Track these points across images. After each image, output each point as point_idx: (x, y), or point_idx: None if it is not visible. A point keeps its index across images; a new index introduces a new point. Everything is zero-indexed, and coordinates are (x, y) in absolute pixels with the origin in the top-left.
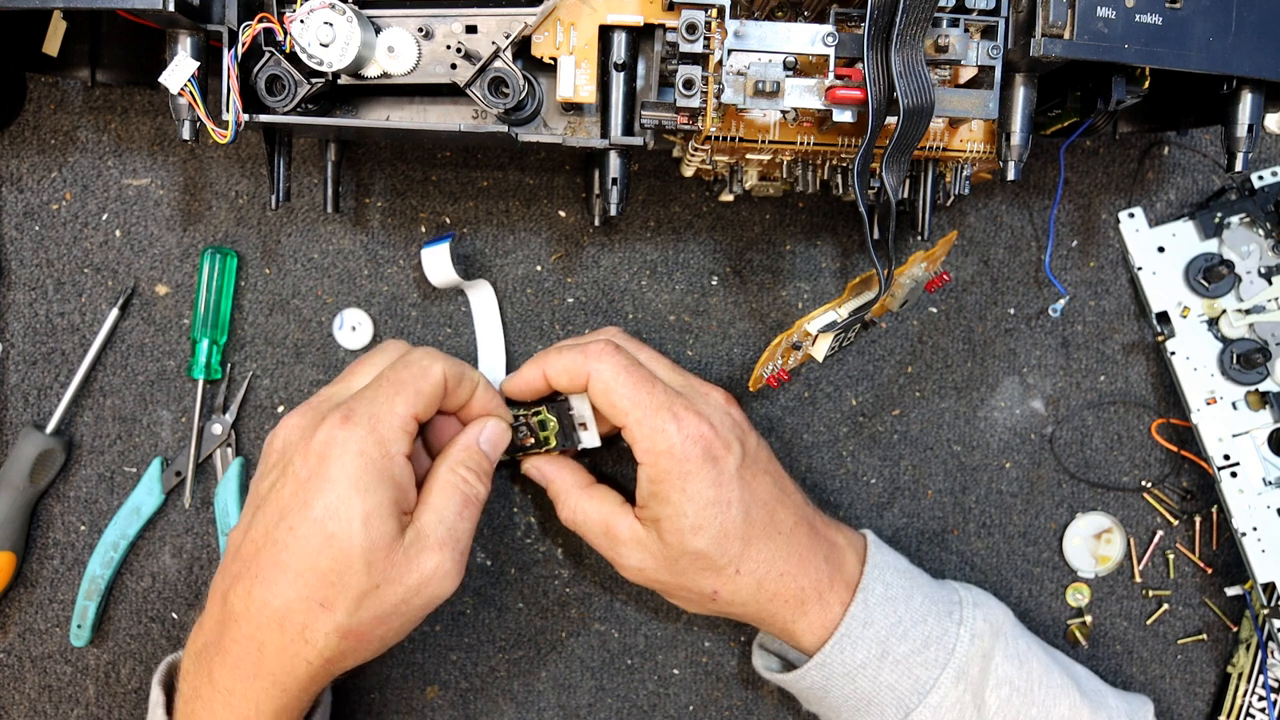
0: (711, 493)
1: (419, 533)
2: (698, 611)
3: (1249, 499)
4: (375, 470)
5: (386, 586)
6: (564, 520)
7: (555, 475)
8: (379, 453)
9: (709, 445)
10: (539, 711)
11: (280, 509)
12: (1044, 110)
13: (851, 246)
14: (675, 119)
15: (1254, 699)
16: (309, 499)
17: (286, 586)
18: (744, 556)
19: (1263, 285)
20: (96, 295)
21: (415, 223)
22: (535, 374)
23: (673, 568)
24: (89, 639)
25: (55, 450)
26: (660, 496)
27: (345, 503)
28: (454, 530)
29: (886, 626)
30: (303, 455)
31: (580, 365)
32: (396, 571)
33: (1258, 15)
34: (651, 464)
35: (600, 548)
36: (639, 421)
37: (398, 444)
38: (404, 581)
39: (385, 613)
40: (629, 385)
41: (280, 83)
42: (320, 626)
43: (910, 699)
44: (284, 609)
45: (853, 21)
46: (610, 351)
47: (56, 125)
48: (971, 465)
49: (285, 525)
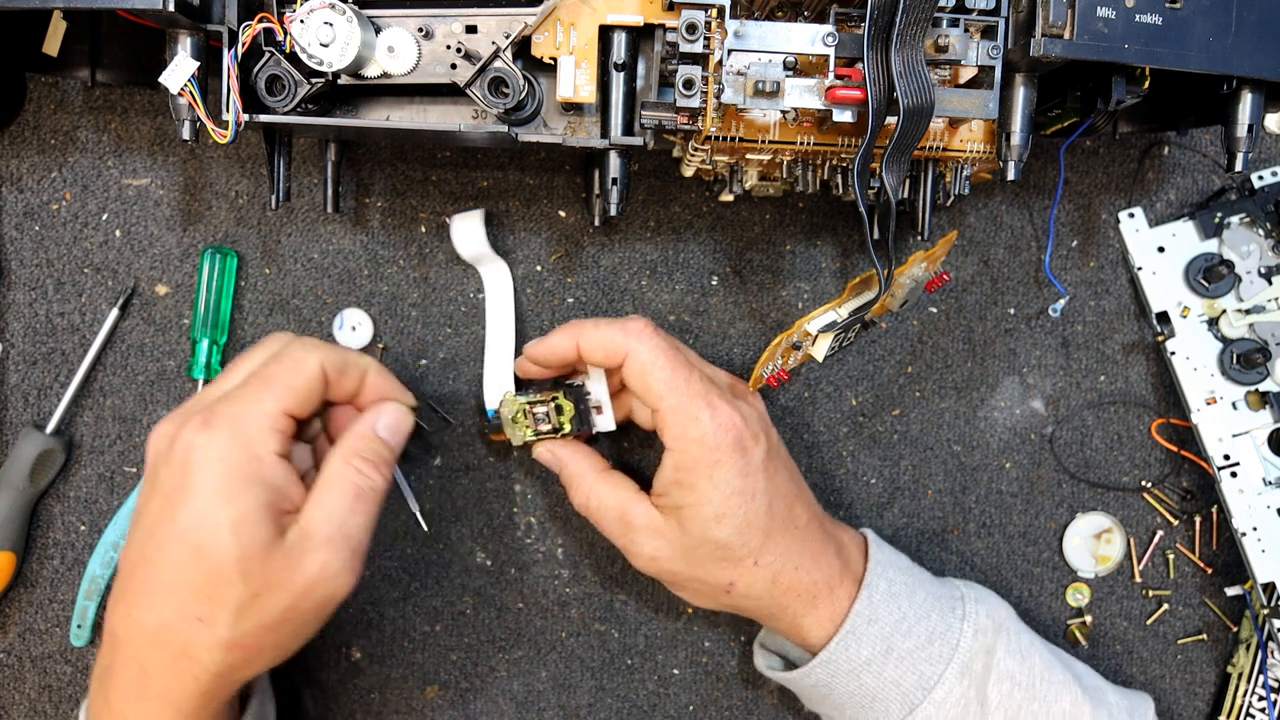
0: (738, 482)
1: (303, 532)
2: (706, 606)
3: (1249, 499)
4: (241, 475)
5: (268, 594)
6: (577, 505)
7: (569, 459)
8: (244, 456)
9: (739, 436)
10: (539, 711)
11: (149, 525)
12: (1044, 110)
13: (851, 246)
14: (675, 119)
15: (1254, 699)
16: (174, 512)
17: (161, 605)
18: (763, 549)
19: (1263, 285)
20: (96, 295)
21: (415, 223)
22: (567, 344)
23: (690, 557)
24: (89, 639)
25: (55, 450)
26: (685, 484)
27: (211, 512)
28: (343, 527)
29: (891, 623)
30: (167, 465)
31: (619, 342)
32: (277, 577)
33: (1258, 15)
34: (681, 450)
35: (613, 534)
36: (674, 407)
37: (265, 444)
38: (287, 587)
39: (272, 620)
40: (667, 369)
41: (280, 83)
42: (201, 642)
43: (915, 694)
44: (161, 628)
45: (853, 21)
46: (651, 332)
47: (56, 125)
48: (971, 465)
49: (154, 542)
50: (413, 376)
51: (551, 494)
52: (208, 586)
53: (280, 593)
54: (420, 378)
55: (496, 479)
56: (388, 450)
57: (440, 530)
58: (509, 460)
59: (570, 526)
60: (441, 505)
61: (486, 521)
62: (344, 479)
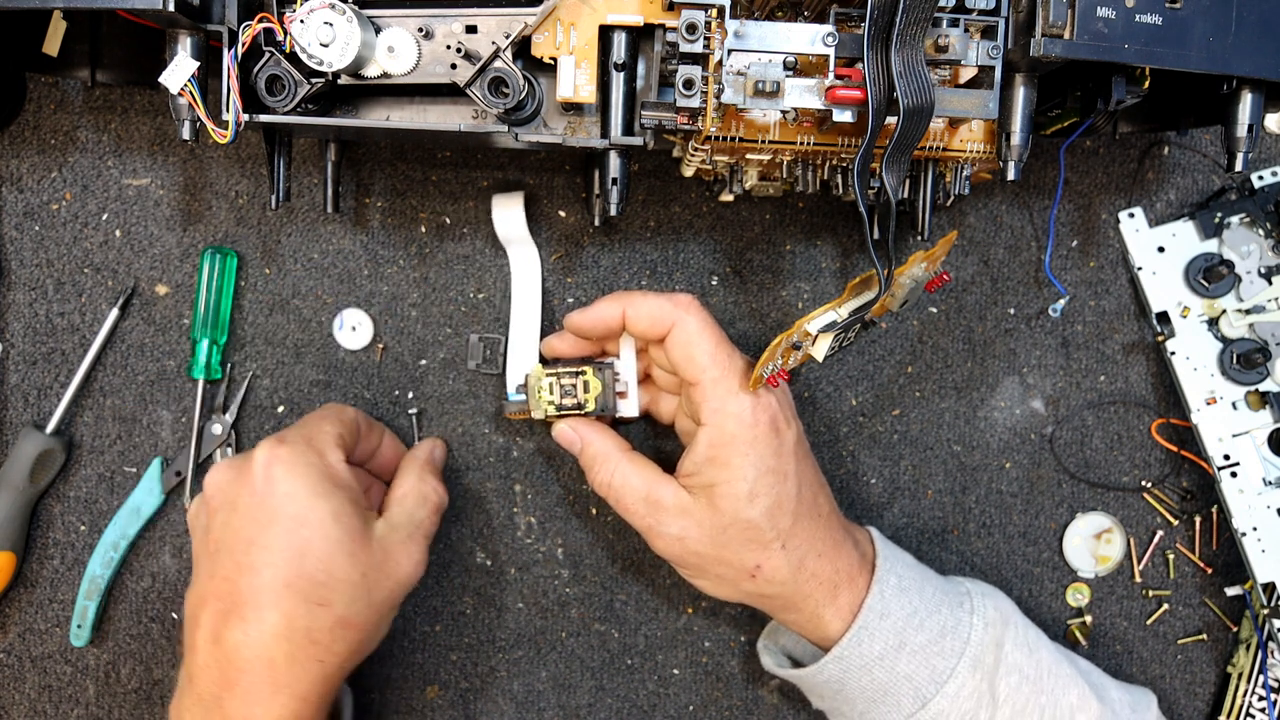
0: (773, 462)
1: (390, 526)
2: (724, 595)
3: (1249, 499)
4: (325, 476)
5: (373, 575)
6: (598, 485)
7: (593, 438)
8: (322, 462)
9: (774, 416)
10: (539, 711)
11: (245, 538)
12: (1044, 110)
13: (851, 246)
14: (675, 119)
15: (1254, 699)
16: (272, 517)
17: (278, 603)
18: (791, 532)
19: (1263, 285)
20: (96, 295)
21: (415, 223)
22: (613, 311)
23: (718, 538)
24: (89, 639)
25: (55, 450)
26: (720, 460)
27: (309, 508)
28: (421, 525)
29: (903, 616)
30: (248, 487)
31: (667, 313)
32: (377, 560)
33: (1258, 15)
34: (718, 425)
35: (636, 515)
36: (715, 380)
37: (335, 455)
38: (385, 570)
39: (377, 601)
40: (711, 342)
41: (280, 83)
42: (324, 625)
43: (928, 689)
44: (285, 620)
45: (853, 21)
46: (698, 306)
47: (56, 125)
48: (971, 465)
49: (257, 548)
50: (413, 377)
51: (551, 494)
52: (322, 573)
53: (380, 575)
54: (420, 378)
55: (496, 479)
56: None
57: (440, 530)
58: (509, 460)
59: (570, 526)
60: None
61: (486, 521)
62: (420, 493)
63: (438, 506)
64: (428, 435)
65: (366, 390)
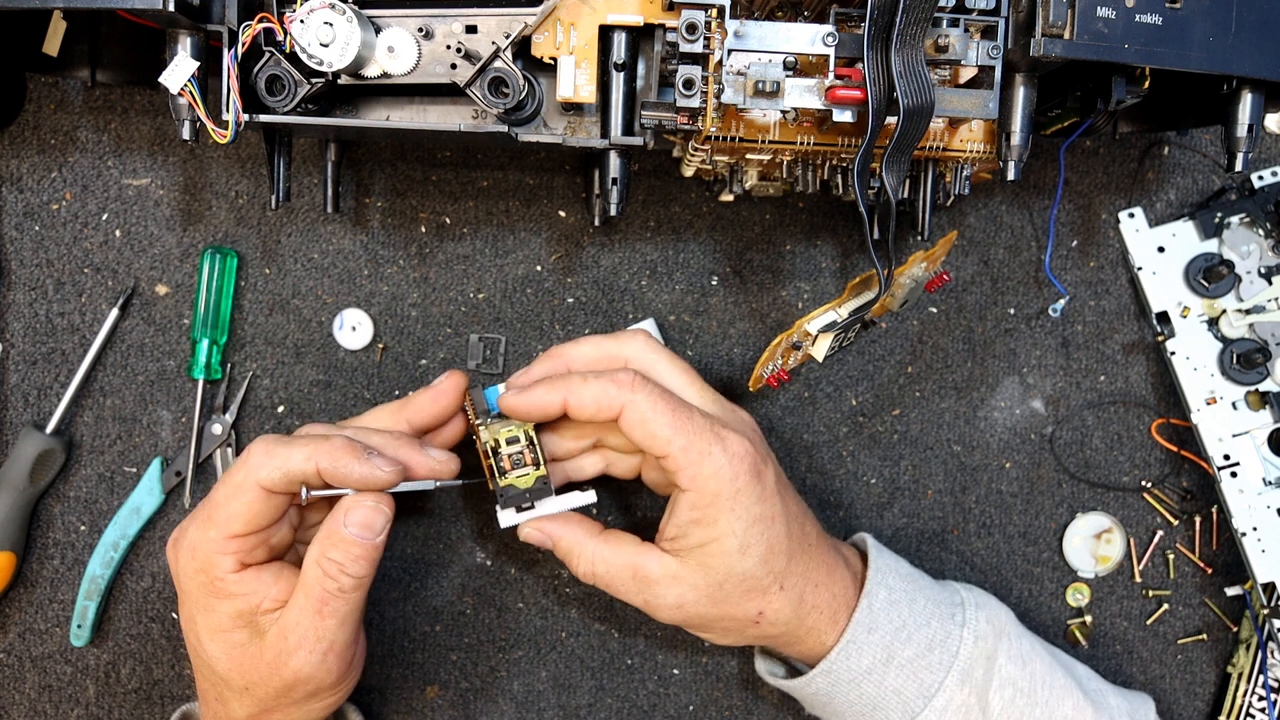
0: (758, 509)
1: (281, 632)
2: (732, 643)
3: (1249, 499)
4: (206, 591)
5: (259, 685)
6: (582, 576)
7: (561, 531)
8: (204, 578)
9: (753, 462)
10: (539, 711)
11: None
12: (1044, 110)
13: (851, 246)
14: (675, 119)
15: (1254, 699)
16: (181, 612)
17: (201, 680)
18: (787, 571)
19: (1263, 285)
20: (96, 295)
21: (415, 223)
22: (553, 399)
23: (715, 595)
24: (89, 639)
25: (55, 450)
26: (706, 520)
27: (193, 619)
28: (314, 630)
29: (891, 631)
30: (173, 572)
31: (612, 396)
32: (262, 673)
33: (1258, 15)
34: (699, 489)
35: (628, 594)
36: (684, 448)
37: (219, 567)
38: (272, 681)
39: (273, 703)
40: (667, 413)
41: (280, 83)
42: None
43: (916, 703)
44: (203, 696)
45: (853, 21)
46: (642, 381)
47: (56, 125)
48: (971, 465)
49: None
50: (413, 377)
51: None
52: (213, 677)
53: (268, 685)
54: (420, 378)
55: None
56: (359, 547)
57: (440, 530)
58: None
59: None
60: (441, 505)
61: (485, 522)
62: (312, 584)
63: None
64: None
65: (366, 390)
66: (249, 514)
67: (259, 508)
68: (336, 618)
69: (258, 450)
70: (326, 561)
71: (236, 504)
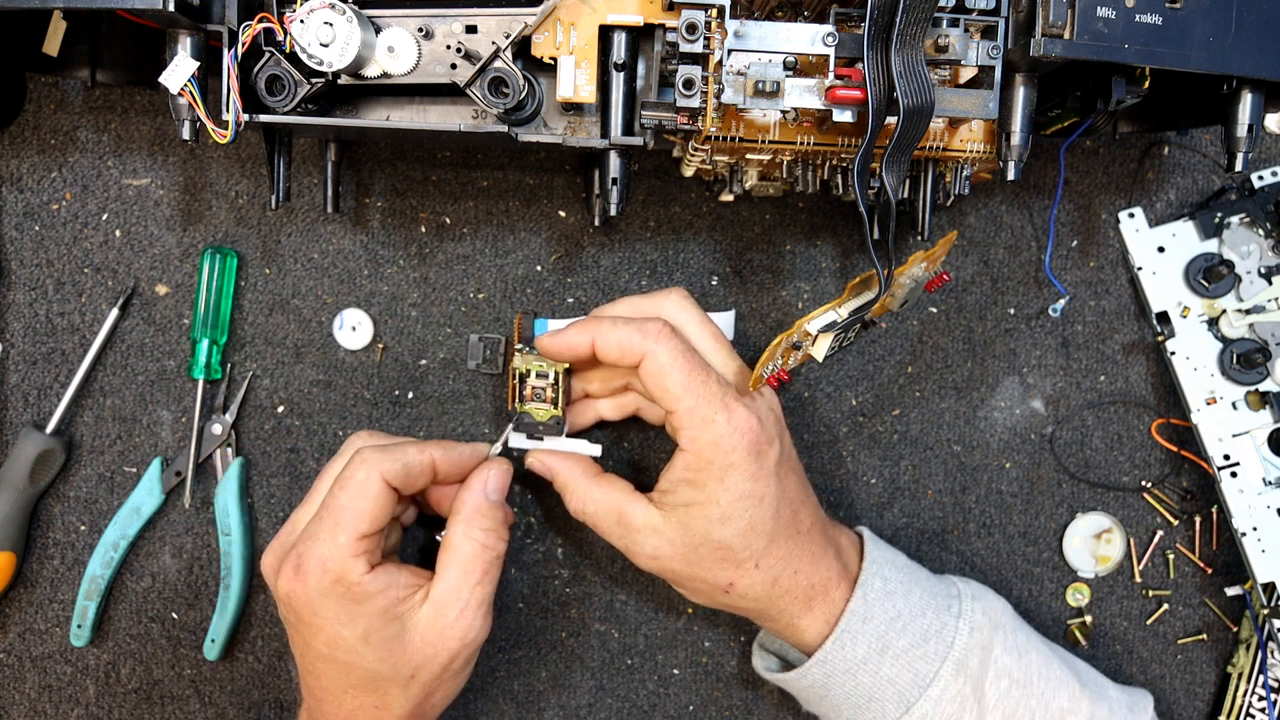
0: (748, 486)
1: (437, 608)
2: (704, 604)
3: (1249, 499)
4: (346, 600)
5: (422, 669)
6: (573, 511)
7: (561, 467)
8: (341, 588)
9: (755, 439)
10: (539, 711)
11: (299, 645)
12: (1044, 110)
13: (851, 246)
14: (675, 119)
15: (1254, 699)
16: (310, 641)
17: (344, 701)
18: (765, 552)
19: (1263, 285)
20: (96, 295)
21: (415, 223)
22: (582, 340)
23: (689, 555)
24: (89, 639)
25: (55, 450)
26: (695, 483)
27: (339, 636)
28: (472, 596)
29: (886, 621)
30: (285, 604)
31: (636, 344)
32: (423, 655)
33: (1258, 15)
34: (695, 452)
35: (612, 536)
36: (690, 409)
37: (354, 571)
38: (436, 658)
39: (436, 682)
40: (683, 371)
41: (280, 83)
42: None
43: (911, 692)
44: (366, 702)
45: (853, 21)
46: (668, 334)
47: (56, 125)
48: (971, 465)
49: (309, 659)
50: (413, 377)
51: (551, 495)
52: (370, 684)
53: (432, 664)
54: (420, 378)
55: None
56: (501, 511)
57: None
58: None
59: (570, 526)
60: None
61: None
62: (466, 554)
63: (493, 560)
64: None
65: (366, 390)
66: (375, 511)
67: (384, 502)
68: (492, 584)
69: (369, 452)
70: (481, 532)
71: (363, 503)
